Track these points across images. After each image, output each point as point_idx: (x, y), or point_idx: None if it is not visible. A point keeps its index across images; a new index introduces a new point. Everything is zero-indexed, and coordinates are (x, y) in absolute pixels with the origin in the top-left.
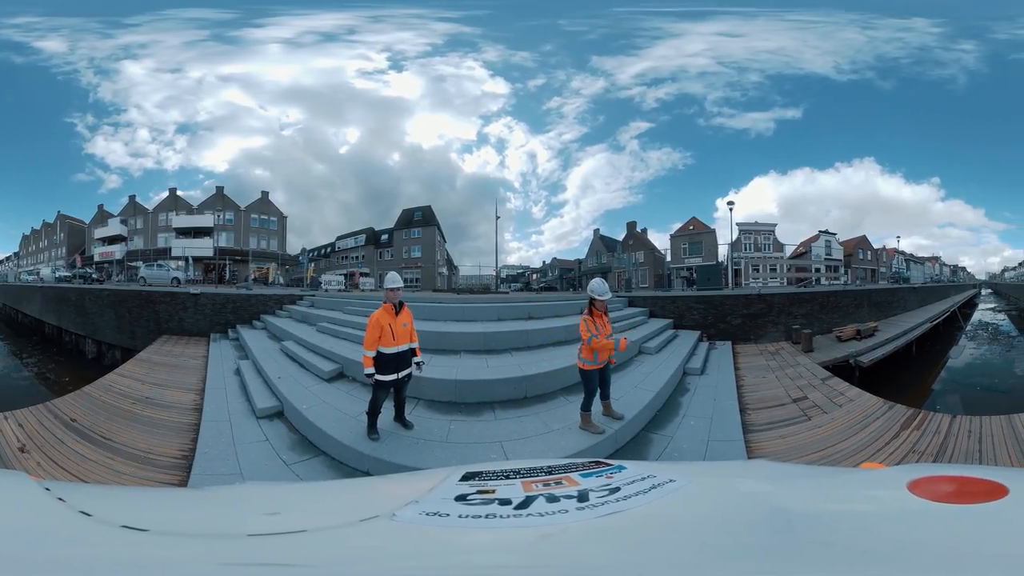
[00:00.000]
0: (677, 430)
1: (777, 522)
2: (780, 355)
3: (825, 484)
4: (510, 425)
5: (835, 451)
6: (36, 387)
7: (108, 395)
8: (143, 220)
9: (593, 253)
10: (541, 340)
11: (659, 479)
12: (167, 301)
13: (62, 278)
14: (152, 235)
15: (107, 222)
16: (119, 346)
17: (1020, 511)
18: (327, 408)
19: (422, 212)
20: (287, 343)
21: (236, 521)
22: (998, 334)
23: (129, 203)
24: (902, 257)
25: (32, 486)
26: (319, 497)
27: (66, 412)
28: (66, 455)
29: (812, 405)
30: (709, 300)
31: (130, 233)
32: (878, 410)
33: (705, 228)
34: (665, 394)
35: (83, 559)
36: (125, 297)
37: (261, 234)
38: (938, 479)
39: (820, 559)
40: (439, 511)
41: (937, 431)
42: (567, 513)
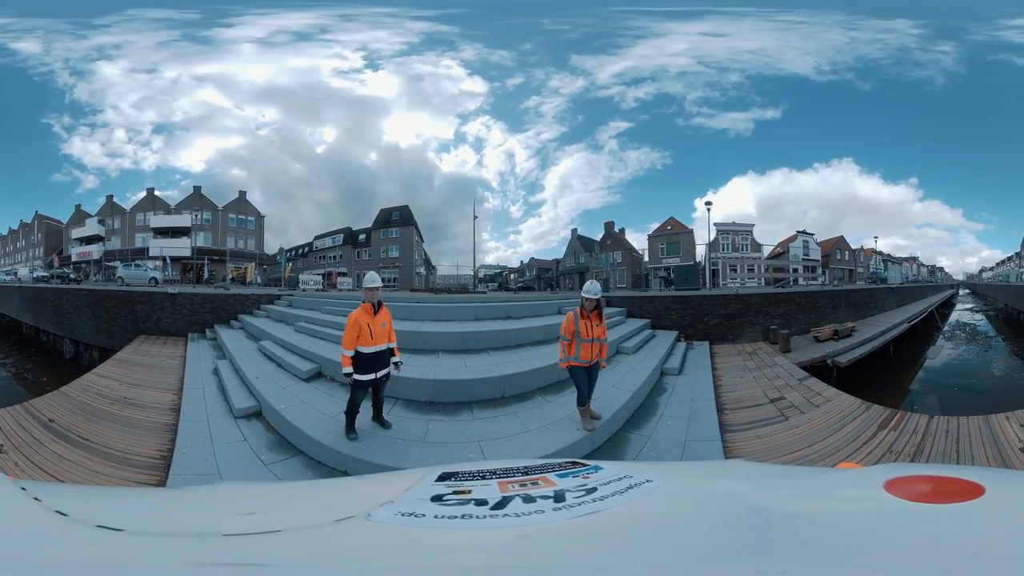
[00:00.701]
0: (655, 430)
1: (755, 522)
2: (757, 355)
3: (802, 484)
4: (488, 425)
5: (812, 451)
6: (14, 387)
7: (86, 395)
8: (121, 220)
9: (571, 253)
10: (519, 340)
11: (636, 479)
12: (145, 301)
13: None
14: (130, 235)
15: (85, 222)
16: (97, 346)
17: (996, 511)
18: (305, 408)
19: (400, 212)
20: (265, 343)
21: (211, 521)
22: (976, 334)
23: (107, 203)
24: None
25: (8, 486)
26: (295, 497)
27: (44, 412)
28: (44, 455)
29: (789, 405)
30: (687, 300)
31: (108, 233)
32: (855, 410)
33: (683, 228)
34: (643, 394)
35: (56, 559)
36: (103, 297)
37: (239, 234)
38: (914, 479)
39: (798, 559)
40: (415, 511)
41: (915, 431)
42: (544, 513)
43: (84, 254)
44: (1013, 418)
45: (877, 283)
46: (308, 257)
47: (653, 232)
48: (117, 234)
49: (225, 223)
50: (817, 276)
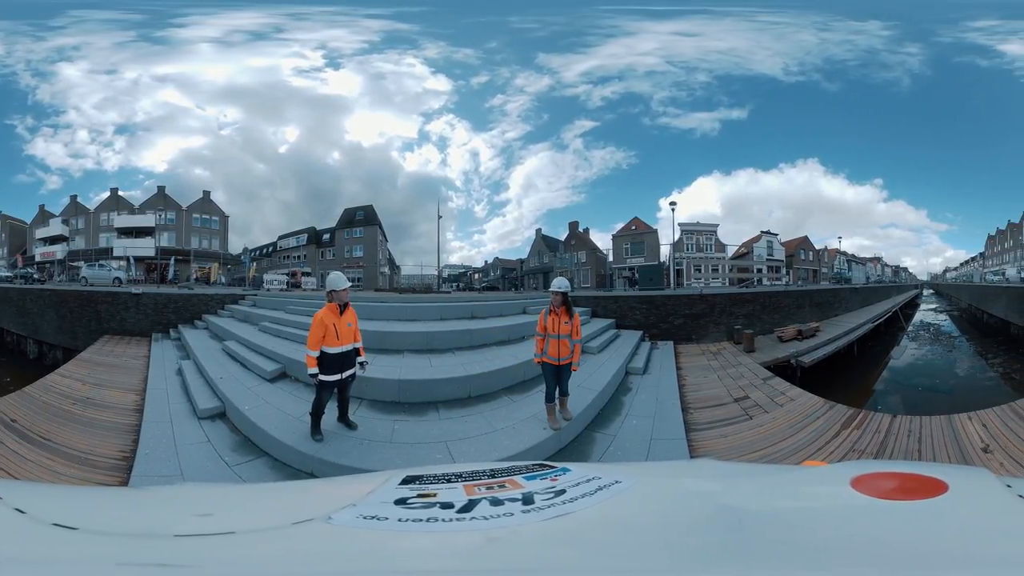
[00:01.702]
0: (620, 429)
1: (727, 521)
2: (722, 355)
3: (770, 482)
4: (454, 425)
5: (776, 450)
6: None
7: (49, 395)
8: (85, 220)
9: (535, 253)
10: (484, 340)
11: (604, 480)
12: (109, 301)
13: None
14: (94, 235)
15: (48, 222)
16: (61, 346)
17: (959, 507)
18: (270, 409)
19: (364, 212)
20: (229, 343)
21: (167, 521)
22: (939, 334)
23: (71, 203)
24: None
25: None
26: (256, 499)
27: (6, 412)
28: (5, 455)
29: (754, 404)
30: (651, 300)
31: (72, 233)
32: (819, 410)
33: (647, 228)
34: (608, 393)
35: (4, 555)
36: (66, 297)
37: (203, 234)
38: (880, 475)
39: (772, 557)
40: (377, 515)
41: (877, 430)
42: (513, 516)
43: (48, 254)
44: (975, 418)
45: (841, 283)
46: (272, 257)
47: (618, 232)
48: (81, 234)
49: (189, 223)
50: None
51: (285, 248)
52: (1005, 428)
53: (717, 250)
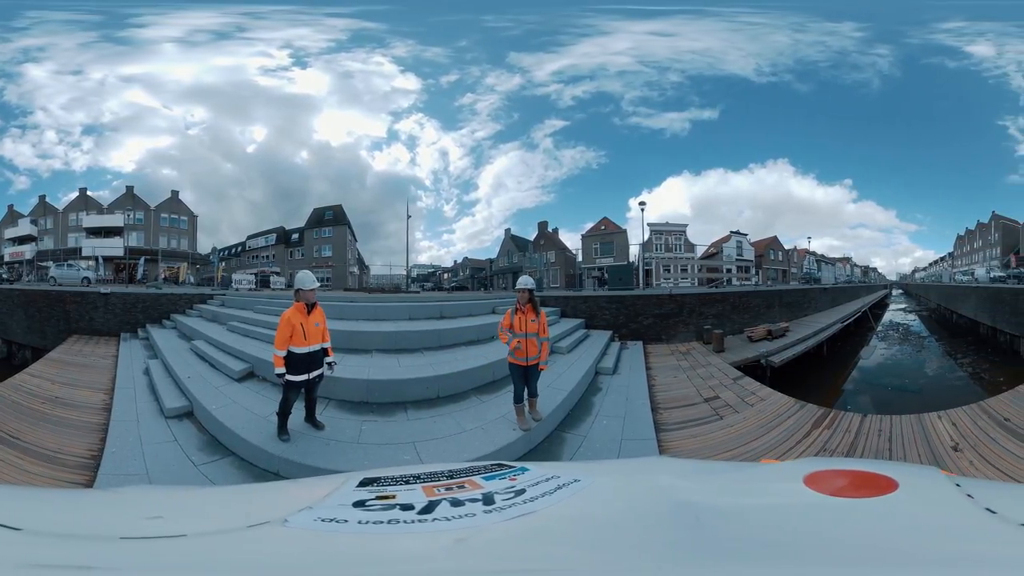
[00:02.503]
0: (590, 429)
1: (686, 517)
2: (691, 355)
3: (726, 479)
4: (423, 425)
5: (747, 450)
6: None
7: (17, 394)
8: (53, 220)
9: (504, 253)
10: (453, 339)
11: (564, 479)
12: (77, 301)
13: None
14: (62, 235)
15: (17, 222)
16: (30, 346)
17: (908, 505)
18: (237, 408)
19: (333, 211)
20: (197, 342)
21: (117, 523)
22: (909, 334)
23: (39, 203)
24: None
25: None
26: (211, 502)
27: None
28: None
29: (724, 404)
30: (621, 300)
31: (40, 233)
32: (789, 409)
33: (617, 228)
34: (578, 393)
35: None
36: (35, 297)
37: (171, 233)
38: (832, 473)
39: (730, 553)
40: (336, 517)
41: (848, 430)
42: (475, 516)
43: (16, 254)
44: (945, 417)
45: (811, 283)
46: (241, 257)
47: (587, 232)
48: (50, 234)
49: (157, 223)
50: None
51: (254, 248)
52: (974, 427)
53: (686, 250)
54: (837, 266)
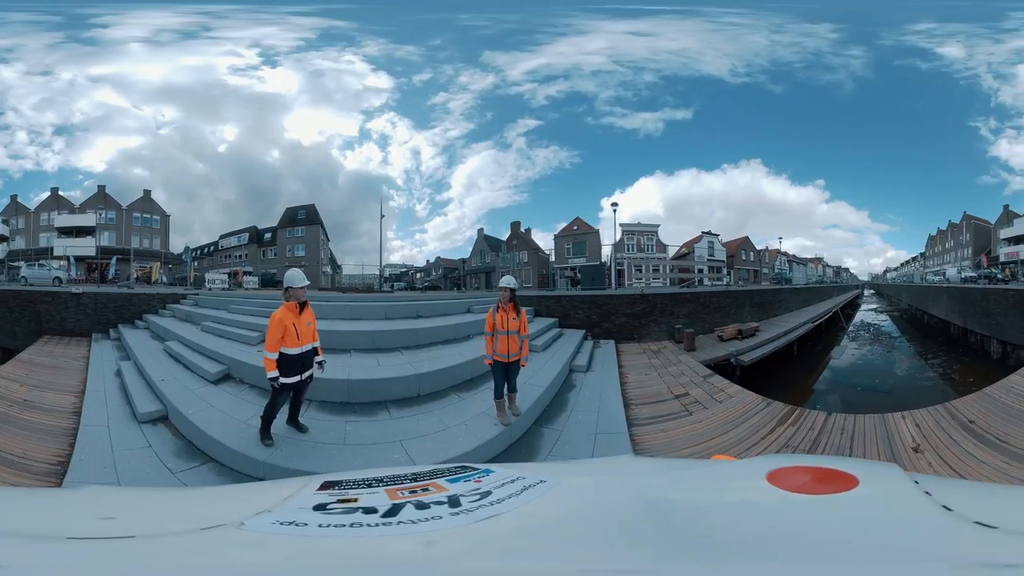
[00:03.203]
0: (566, 424)
1: (654, 515)
2: (663, 353)
3: (690, 477)
4: (407, 424)
5: (713, 445)
6: None
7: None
8: (25, 220)
9: (477, 252)
10: (430, 338)
11: (529, 480)
12: (48, 301)
13: None
14: (34, 235)
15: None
16: (1, 346)
17: (867, 501)
18: (215, 412)
19: (306, 211)
20: (171, 343)
21: (66, 523)
22: (880, 335)
23: (11, 203)
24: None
25: None
26: (166, 504)
27: None
28: None
29: (693, 401)
30: (593, 300)
31: (12, 233)
32: (756, 406)
33: (589, 228)
34: (553, 390)
35: None
36: (6, 297)
37: (144, 233)
38: (794, 470)
39: (702, 551)
40: (295, 520)
41: (812, 427)
42: (441, 519)
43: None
44: (909, 417)
45: (782, 283)
46: (214, 256)
47: (560, 232)
48: (21, 234)
49: (130, 222)
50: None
51: (226, 247)
52: (938, 428)
53: (658, 250)
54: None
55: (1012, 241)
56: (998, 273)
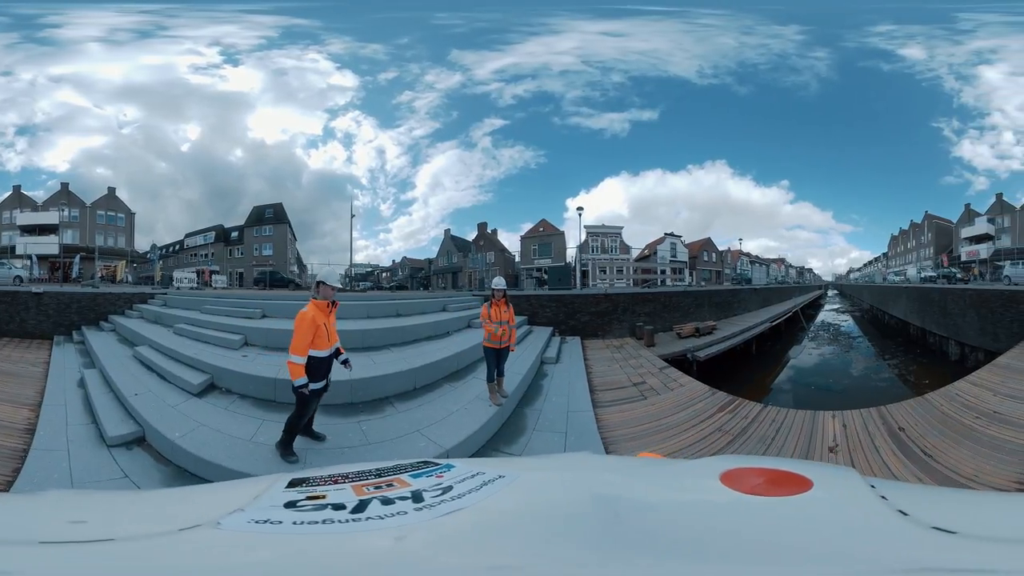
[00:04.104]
0: (544, 405)
1: (604, 512)
2: (624, 349)
3: (645, 475)
4: (415, 415)
5: (662, 424)
6: None
7: None
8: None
9: (444, 253)
10: (413, 335)
11: (488, 475)
12: (7, 301)
13: None
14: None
15: None
16: None
17: (822, 504)
18: (208, 433)
19: (273, 209)
20: (141, 349)
21: (33, 527)
22: (839, 335)
23: None
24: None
25: None
26: (136, 506)
27: None
28: None
29: (649, 388)
30: (560, 299)
31: None
32: (702, 395)
33: (555, 230)
34: (529, 378)
35: None
36: None
37: (109, 231)
38: (748, 471)
39: (649, 549)
40: (269, 519)
41: (746, 416)
42: (406, 515)
43: None
44: (839, 417)
45: (741, 284)
46: (179, 255)
47: (526, 233)
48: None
49: (94, 220)
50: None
51: (192, 246)
52: (863, 430)
53: (622, 252)
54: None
55: (973, 240)
56: (957, 273)
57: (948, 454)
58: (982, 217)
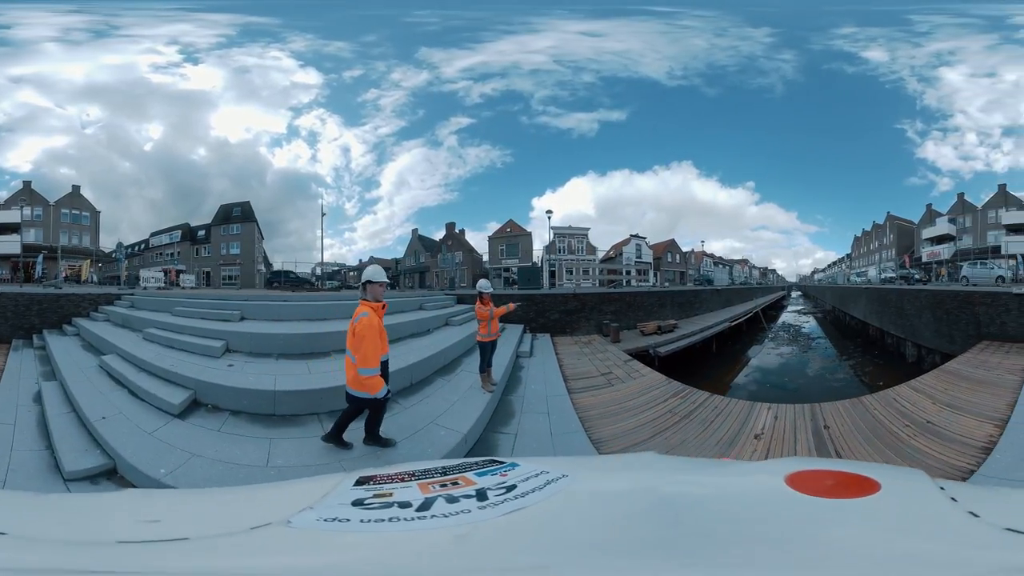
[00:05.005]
0: (525, 392)
1: (665, 514)
2: (592, 345)
3: (708, 475)
4: (421, 408)
5: (625, 406)
6: None
7: None
8: None
9: (411, 252)
10: (398, 334)
11: (552, 475)
12: None
13: None
14: None
15: None
16: None
17: (892, 506)
18: (204, 464)
19: (241, 208)
20: (108, 358)
21: (108, 528)
22: (799, 336)
23: None
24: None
25: None
26: (203, 505)
27: None
28: None
29: (615, 377)
30: (531, 298)
31: None
32: (660, 384)
33: (522, 231)
34: (509, 369)
35: None
36: None
37: (73, 230)
38: (814, 473)
39: (707, 553)
40: (338, 516)
41: (694, 402)
42: (470, 513)
43: None
44: (773, 409)
45: (703, 285)
46: (144, 255)
47: (493, 234)
48: None
49: (58, 219)
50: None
51: (158, 245)
52: (790, 424)
53: (588, 253)
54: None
55: (934, 241)
56: (916, 273)
57: (858, 460)
58: (943, 217)
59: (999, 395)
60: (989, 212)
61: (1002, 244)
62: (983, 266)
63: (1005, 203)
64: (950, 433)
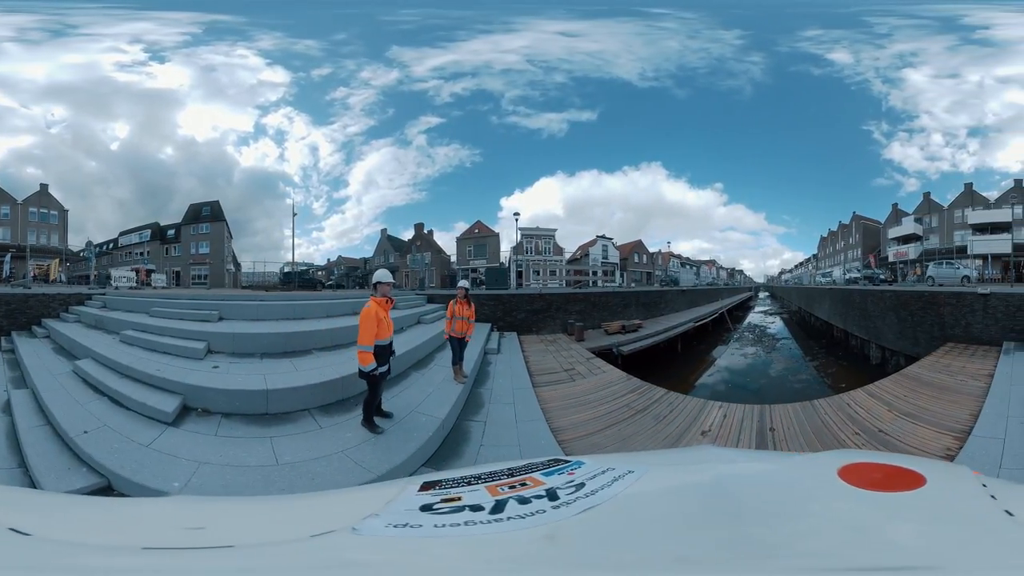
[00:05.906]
0: (493, 384)
1: (729, 508)
2: (557, 343)
3: (764, 469)
4: (404, 398)
5: (585, 399)
6: None
7: None
8: None
9: (380, 252)
10: None
11: (619, 471)
12: None
13: None
14: None
15: None
16: None
17: (935, 502)
18: (214, 472)
19: (210, 207)
20: (84, 363)
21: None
22: (764, 336)
23: None
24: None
25: None
26: (258, 513)
27: None
28: None
29: (577, 373)
30: (498, 298)
31: None
32: (619, 380)
33: (490, 232)
34: (478, 365)
35: None
36: None
37: (42, 229)
38: (866, 466)
39: (770, 548)
40: (408, 523)
41: (650, 398)
42: (545, 513)
43: None
44: (723, 408)
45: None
46: (114, 254)
47: (461, 235)
48: None
49: (25, 217)
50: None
51: (127, 244)
52: (737, 422)
53: (555, 253)
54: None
55: (900, 240)
56: (881, 274)
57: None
58: (909, 217)
59: (961, 403)
60: (956, 212)
61: (968, 244)
62: (949, 266)
63: (971, 202)
64: (903, 445)
